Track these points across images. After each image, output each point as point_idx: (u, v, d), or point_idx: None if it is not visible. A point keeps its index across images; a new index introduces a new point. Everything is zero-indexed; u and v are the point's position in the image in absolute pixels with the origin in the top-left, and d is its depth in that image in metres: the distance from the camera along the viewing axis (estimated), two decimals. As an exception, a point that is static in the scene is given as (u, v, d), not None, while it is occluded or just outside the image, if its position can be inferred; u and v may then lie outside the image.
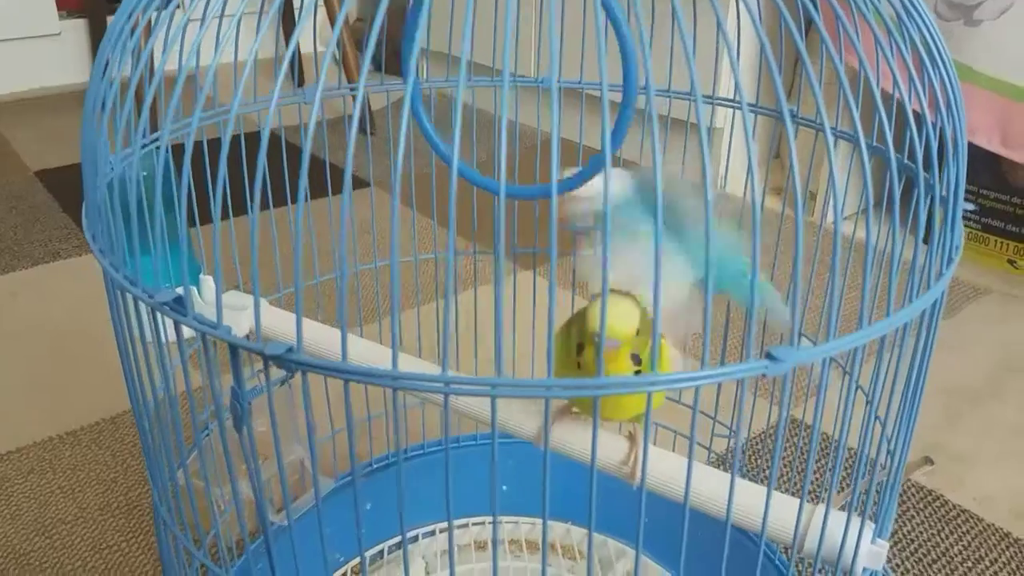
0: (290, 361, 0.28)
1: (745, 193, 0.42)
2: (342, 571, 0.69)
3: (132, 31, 0.36)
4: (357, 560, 0.70)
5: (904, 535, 0.79)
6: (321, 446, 0.71)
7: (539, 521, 0.75)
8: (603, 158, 0.28)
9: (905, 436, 0.42)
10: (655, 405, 0.50)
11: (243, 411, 0.31)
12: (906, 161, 0.36)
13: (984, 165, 1.28)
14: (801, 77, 1.32)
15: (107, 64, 0.37)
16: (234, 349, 0.30)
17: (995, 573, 0.75)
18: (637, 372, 0.41)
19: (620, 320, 0.40)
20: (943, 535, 0.79)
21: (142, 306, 0.34)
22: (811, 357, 0.29)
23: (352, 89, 0.72)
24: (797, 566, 0.66)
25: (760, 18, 0.33)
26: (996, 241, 1.30)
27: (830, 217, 1.23)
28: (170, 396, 0.36)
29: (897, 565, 0.75)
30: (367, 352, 0.50)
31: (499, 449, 0.75)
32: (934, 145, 0.37)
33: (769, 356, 0.28)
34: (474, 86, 0.63)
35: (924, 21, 0.38)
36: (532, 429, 0.47)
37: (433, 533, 0.73)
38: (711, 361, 1.02)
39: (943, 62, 0.37)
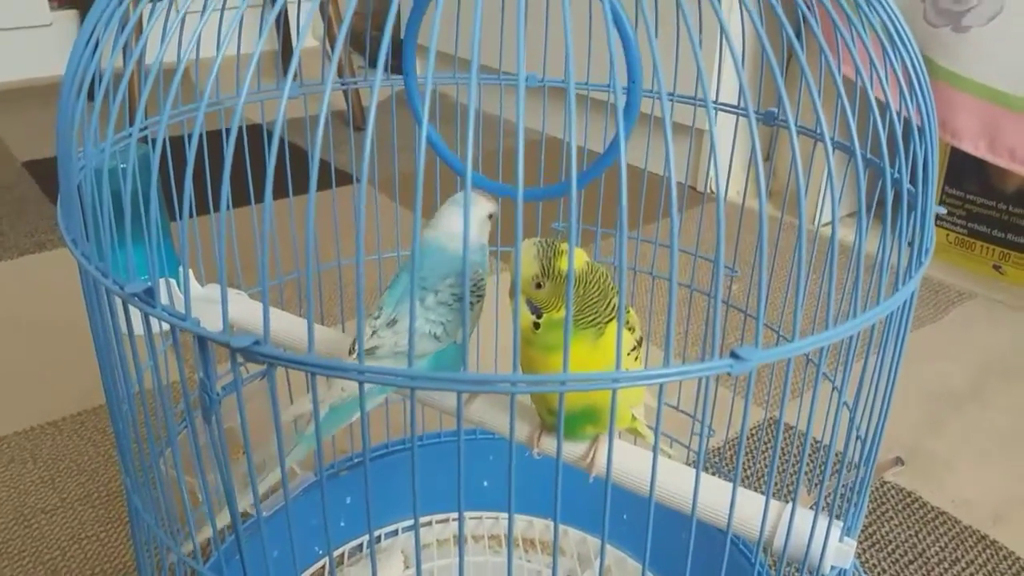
0: (256, 353, 0.28)
1: (722, 190, 0.42)
2: (320, 564, 0.69)
3: (121, 23, 0.36)
4: (335, 553, 0.70)
5: (882, 536, 0.79)
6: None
7: (523, 517, 0.76)
8: (571, 155, 0.28)
9: (876, 435, 0.42)
10: (632, 405, 0.50)
11: (212, 403, 0.31)
12: (869, 155, 0.36)
13: (972, 171, 1.29)
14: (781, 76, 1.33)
15: (83, 54, 0.37)
16: (202, 341, 0.30)
17: (971, 574, 0.75)
18: (536, 326, 0.42)
19: (523, 263, 0.42)
20: (920, 536, 0.79)
21: (115, 298, 0.34)
22: (774, 357, 0.29)
23: (343, 84, 0.72)
24: (772, 567, 0.66)
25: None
26: (982, 246, 1.31)
27: (820, 219, 1.23)
28: (143, 388, 0.37)
29: (874, 565, 0.76)
30: (340, 345, 0.50)
31: (481, 445, 0.75)
32: (885, 131, 0.36)
33: (733, 355, 0.29)
34: (446, 83, 0.63)
35: (884, 5, 0.38)
36: (523, 433, 0.48)
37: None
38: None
39: (905, 44, 0.37)
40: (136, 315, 0.33)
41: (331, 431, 0.47)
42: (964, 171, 1.30)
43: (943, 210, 0.40)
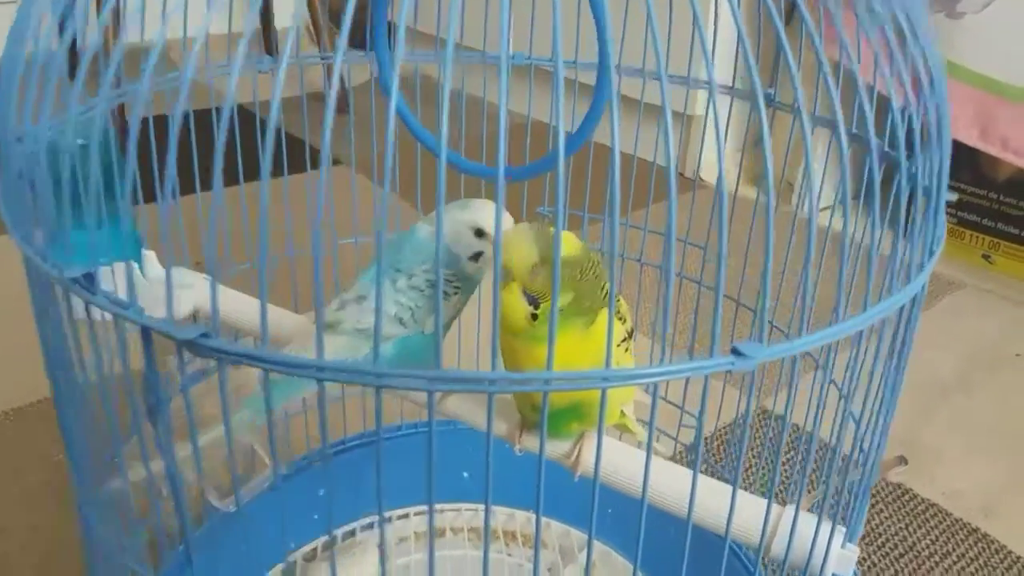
0: (203, 347, 0.25)
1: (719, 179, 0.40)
2: (291, 559, 0.66)
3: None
4: (306, 548, 0.68)
5: (872, 529, 0.78)
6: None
7: (504, 509, 0.74)
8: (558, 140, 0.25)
9: (880, 436, 0.40)
10: (623, 402, 0.48)
11: (159, 403, 0.28)
12: (886, 149, 0.33)
13: (963, 159, 1.27)
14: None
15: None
16: (146, 332, 0.27)
17: (962, 568, 0.74)
18: (534, 317, 0.39)
19: (514, 252, 0.38)
20: (911, 529, 0.78)
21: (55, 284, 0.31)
22: (779, 354, 0.27)
23: (323, 58, 0.69)
24: (763, 564, 0.64)
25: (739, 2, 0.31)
26: (972, 235, 1.29)
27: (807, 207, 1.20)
28: (88, 380, 0.33)
29: (865, 559, 0.74)
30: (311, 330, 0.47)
31: (461, 434, 0.72)
32: (903, 129, 0.34)
33: (735, 352, 0.26)
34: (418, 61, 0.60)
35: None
36: (503, 430, 0.46)
37: (389, 520, 0.71)
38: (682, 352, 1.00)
39: (920, 37, 0.35)
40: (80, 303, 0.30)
41: (278, 404, 0.44)
42: (955, 160, 1.28)
43: (953, 197, 0.38)
